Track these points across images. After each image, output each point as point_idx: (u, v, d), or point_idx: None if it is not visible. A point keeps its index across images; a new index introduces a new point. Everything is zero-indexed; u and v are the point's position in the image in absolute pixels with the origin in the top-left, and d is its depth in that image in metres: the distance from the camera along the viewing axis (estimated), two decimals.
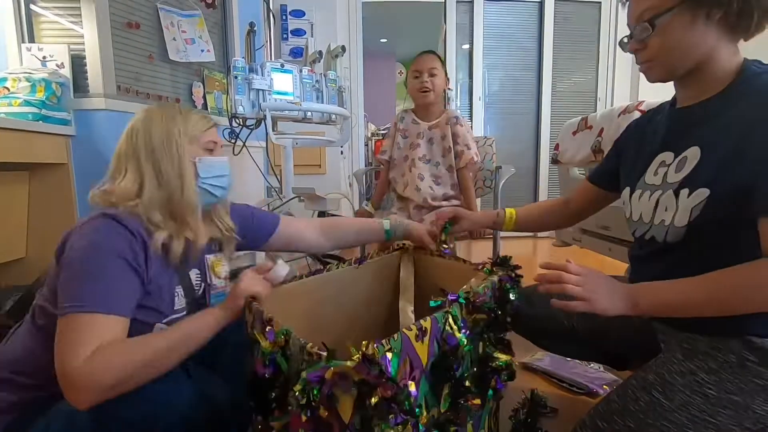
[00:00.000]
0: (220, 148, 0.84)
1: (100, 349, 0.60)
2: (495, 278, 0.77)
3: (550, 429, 0.99)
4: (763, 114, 0.60)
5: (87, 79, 1.65)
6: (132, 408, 0.63)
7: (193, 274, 0.82)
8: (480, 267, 0.86)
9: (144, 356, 0.62)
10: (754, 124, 0.60)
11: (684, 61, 0.67)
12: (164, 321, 0.74)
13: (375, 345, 0.49)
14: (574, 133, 1.71)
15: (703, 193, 0.64)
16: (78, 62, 1.65)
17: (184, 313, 0.78)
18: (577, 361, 1.32)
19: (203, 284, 0.83)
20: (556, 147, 1.87)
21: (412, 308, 0.90)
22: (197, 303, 0.81)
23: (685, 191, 0.66)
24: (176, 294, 0.77)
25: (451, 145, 1.58)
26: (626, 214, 0.81)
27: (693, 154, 0.67)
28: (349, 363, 0.47)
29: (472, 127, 3.67)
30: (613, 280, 0.68)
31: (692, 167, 0.67)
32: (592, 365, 1.33)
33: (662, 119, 0.79)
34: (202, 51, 2.09)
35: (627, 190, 0.81)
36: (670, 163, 0.72)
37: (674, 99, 0.78)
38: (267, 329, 0.61)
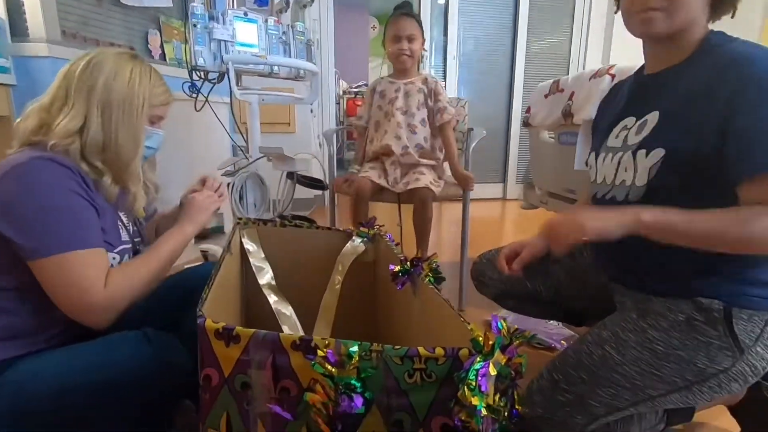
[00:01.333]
0: (162, 122, 0.87)
1: (111, 278, 0.69)
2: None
3: None
4: (722, 83, 0.61)
5: (26, 22, 1.49)
6: (92, 374, 0.62)
7: (122, 215, 0.86)
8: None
9: (148, 275, 0.75)
10: (713, 91, 0.62)
11: (685, 19, 0.66)
12: (115, 251, 0.78)
13: None
14: (546, 96, 1.71)
15: (659, 152, 0.66)
16: (14, 3, 1.48)
17: (129, 245, 0.83)
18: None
19: (131, 225, 0.88)
20: (528, 110, 1.87)
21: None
22: (133, 238, 0.86)
23: (642, 152, 0.69)
24: (120, 227, 0.82)
25: (429, 101, 1.61)
26: (591, 177, 0.83)
27: (653, 117, 0.70)
28: None
29: (446, 86, 3.61)
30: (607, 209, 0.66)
31: (651, 129, 0.69)
32: (551, 322, 1.40)
33: (627, 87, 0.82)
34: None
35: (593, 154, 0.84)
36: (631, 127, 0.74)
37: (642, 67, 0.79)
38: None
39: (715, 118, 0.61)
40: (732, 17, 0.68)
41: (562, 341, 1.28)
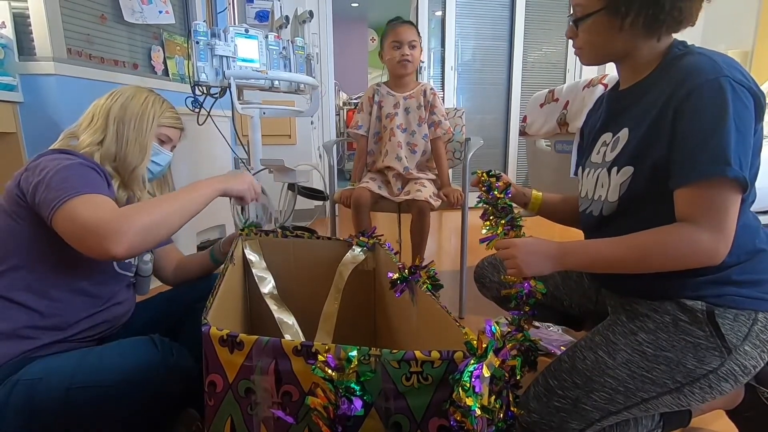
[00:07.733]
0: (172, 146, 0.95)
1: (122, 208, 0.69)
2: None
3: None
4: (673, 94, 0.64)
5: (33, 40, 1.53)
6: (101, 374, 0.65)
7: None
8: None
9: (161, 209, 0.71)
10: (666, 103, 0.65)
11: (606, 54, 0.75)
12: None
13: None
14: (542, 105, 1.74)
15: (628, 170, 0.70)
16: (21, 22, 1.52)
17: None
18: (537, 325, 1.40)
19: None
20: (524, 119, 1.90)
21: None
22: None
23: (614, 169, 0.73)
24: None
25: (427, 115, 1.62)
26: (578, 191, 0.87)
27: (624, 134, 0.74)
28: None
29: (444, 96, 3.66)
30: (542, 243, 0.73)
31: (621, 147, 0.73)
32: (552, 328, 1.41)
33: (605, 101, 0.85)
34: (160, 12, 1.96)
35: (580, 169, 0.87)
36: (609, 143, 0.77)
37: (618, 81, 0.82)
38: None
39: (667, 132, 0.64)
40: (692, 26, 0.69)
41: (562, 347, 1.28)
